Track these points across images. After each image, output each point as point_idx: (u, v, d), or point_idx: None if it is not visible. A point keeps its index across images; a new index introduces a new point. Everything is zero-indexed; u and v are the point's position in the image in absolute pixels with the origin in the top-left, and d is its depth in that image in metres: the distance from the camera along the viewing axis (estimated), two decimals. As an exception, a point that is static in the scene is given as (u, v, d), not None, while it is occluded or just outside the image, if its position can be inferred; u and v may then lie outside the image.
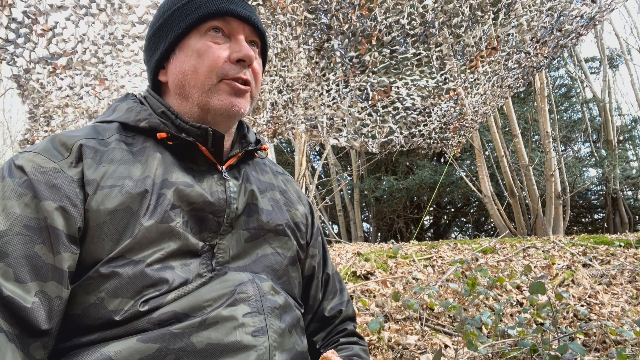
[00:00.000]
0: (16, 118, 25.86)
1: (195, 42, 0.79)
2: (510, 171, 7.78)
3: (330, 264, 0.98)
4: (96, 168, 0.70)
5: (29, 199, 0.63)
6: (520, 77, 3.20)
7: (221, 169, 0.81)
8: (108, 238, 0.66)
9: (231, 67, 0.79)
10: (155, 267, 0.67)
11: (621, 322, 2.62)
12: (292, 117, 2.94)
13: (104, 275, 0.64)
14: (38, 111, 2.48)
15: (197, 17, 0.79)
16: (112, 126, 0.78)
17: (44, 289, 0.61)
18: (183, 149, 0.79)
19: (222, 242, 0.76)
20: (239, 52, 0.79)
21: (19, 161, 0.67)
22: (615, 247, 4.41)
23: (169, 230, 0.69)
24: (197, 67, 0.78)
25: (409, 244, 5.06)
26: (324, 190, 10.81)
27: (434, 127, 3.18)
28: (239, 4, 0.82)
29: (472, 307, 2.81)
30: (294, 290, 0.85)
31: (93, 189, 0.68)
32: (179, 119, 0.78)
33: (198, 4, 0.80)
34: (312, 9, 2.30)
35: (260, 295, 0.72)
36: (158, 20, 0.84)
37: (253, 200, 0.83)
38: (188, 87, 0.79)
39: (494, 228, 9.95)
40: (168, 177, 0.74)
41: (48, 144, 0.70)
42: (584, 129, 11.47)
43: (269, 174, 0.93)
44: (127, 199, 0.68)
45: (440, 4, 2.42)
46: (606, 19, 2.91)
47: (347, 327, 0.93)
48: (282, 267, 0.82)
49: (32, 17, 1.94)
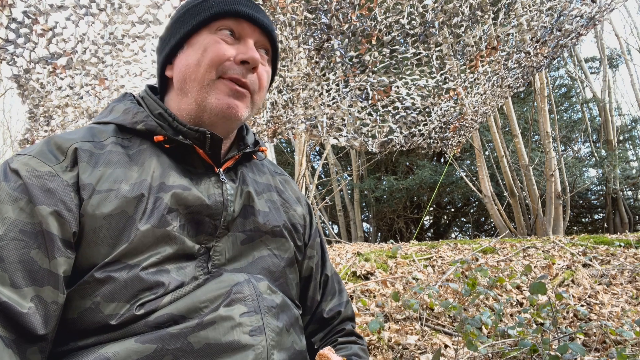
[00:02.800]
0: (16, 118, 25.86)
1: (204, 38, 0.79)
2: (510, 171, 7.78)
3: (329, 265, 0.97)
4: (91, 172, 0.69)
5: (24, 203, 0.63)
6: (520, 77, 3.20)
7: (218, 171, 0.80)
8: (104, 242, 0.66)
9: (233, 67, 0.78)
10: (150, 270, 0.67)
11: (621, 322, 2.62)
12: (292, 116, 2.95)
13: (100, 280, 0.64)
14: (38, 111, 2.48)
15: (209, 14, 0.79)
16: (108, 128, 0.77)
17: (40, 294, 0.60)
18: (180, 152, 0.78)
19: (218, 244, 0.75)
20: (244, 54, 0.78)
21: (14, 164, 0.66)
22: (615, 247, 4.41)
23: (166, 235, 0.69)
24: (200, 60, 0.77)
25: (409, 244, 5.06)
26: (324, 190, 10.81)
27: (434, 127, 3.18)
28: (253, 7, 0.82)
29: (472, 307, 2.81)
30: (292, 292, 0.84)
31: (88, 193, 0.67)
32: (176, 121, 0.77)
33: (212, 3, 0.80)
34: (312, 8, 2.30)
35: (257, 295, 0.72)
36: (172, 20, 0.84)
37: (249, 202, 0.82)
38: (189, 81, 0.78)
39: (494, 228, 9.95)
40: (165, 180, 0.73)
41: (43, 147, 0.70)
42: (584, 129, 11.47)
43: (267, 175, 0.92)
44: (123, 203, 0.67)
45: (440, 4, 2.42)
46: (606, 18, 2.92)
47: (346, 327, 0.92)
48: (279, 268, 0.81)
49: (32, 17, 1.94)
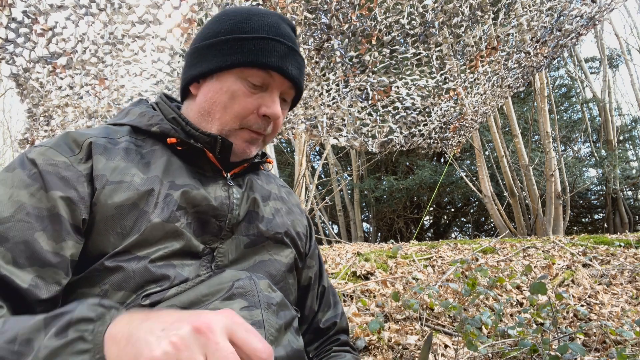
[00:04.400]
0: (16, 118, 25.88)
1: (233, 82, 0.79)
2: (510, 171, 7.78)
3: (325, 277, 1.01)
4: (105, 163, 0.72)
5: (35, 189, 0.65)
6: (520, 76, 3.20)
7: (226, 175, 0.83)
8: (114, 232, 0.68)
9: (256, 121, 0.81)
10: (158, 263, 0.69)
11: (621, 322, 2.62)
12: (292, 116, 2.94)
13: (109, 269, 0.66)
14: (38, 110, 2.48)
15: (246, 61, 0.78)
16: (123, 129, 0.81)
17: (41, 275, 0.62)
18: (191, 155, 0.81)
19: (222, 246, 0.77)
20: (267, 109, 0.80)
21: (31, 154, 0.69)
22: (615, 247, 4.41)
23: (174, 230, 0.71)
24: (227, 107, 0.80)
25: (409, 244, 5.06)
26: (324, 190, 10.81)
27: (434, 127, 3.18)
28: (291, 61, 0.82)
29: (472, 307, 2.81)
30: (291, 296, 0.87)
31: (102, 184, 0.70)
32: (189, 125, 0.81)
33: (252, 47, 0.78)
34: (312, 8, 2.30)
35: (258, 291, 0.73)
36: (212, 37, 0.82)
37: (255, 207, 0.85)
38: (212, 116, 0.81)
39: (494, 228, 9.95)
40: (175, 179, 0.76)
41: (60, 140, 0.73)
42: (584, 129, 11.47)
43: (273, 185, 0.96)
44: (135, 195, 0.70)
45: (440, 4, 2.42)
46: (606, 18, 2.91)
47: (341, 338, 0.96)
48: (280, 273, 0.83)
49: (32, 17, 1.93)
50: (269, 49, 0.79)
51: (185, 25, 2.18)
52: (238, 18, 0.82)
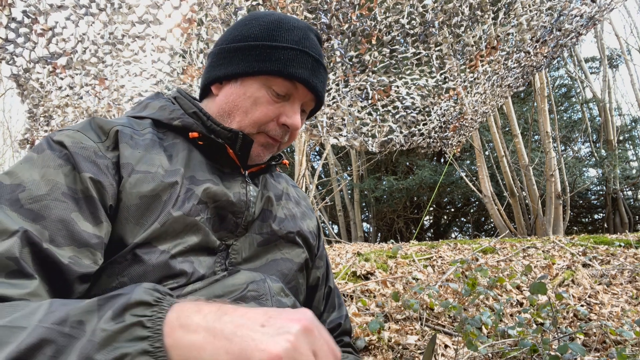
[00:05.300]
0: (16, 118, 25.87)
1: (257, 89, 0.80)
2: (510, 171, 7.78)
3: (332, 278, 1.02)
4: (132, 152, 0.71)
5: (68, 170, 0.65)
6: (520, 76, 3.20)
7: (244, 172, 0.84)
8: (135, 221, 0.67)
9: (274, 128, 0.82)
10: (178, 259, 0.68)
11: (621, 322, 2.61)
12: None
13: (130, 261, 0.65)
14: (38, 111, 2.48)
15: (274, 70, 0.78)
16: (145, 122, 0.80)
17: (78, 255, 0.61)
18: (211, 150, 0.81)
19: (237, 243, 0.78)
20: (288, 119, 0.81)
21: (57, 137, 0.68)
22: (615, 247, 4.41)
23: (194, 224, 0.71)
24: (248, 112, 0.80)
25: (409, 244, 5.06)
26: (324, 190, 10.81)
27: (434, 127, 3.18)
28: (317, 74, 0.82)
29: (472, 307, 2.81)
30: (300, 296, 0.88)
31: (128, 172, 0.69)
32: (210, 120, 0.80)
33: (280, 56, 0.79)
34: (312, 8, 2.30)
35: (271, 296, 0.74)
36: (239, 41, 0.82)
37: (269, 206, 0.86)
38: (232, 118, 0.82)
39: (494, 228, 9.95)
40: (195, 173, 0.76)
41: (87, 125, 0.72)
42: (584, 129, 11.47)
43: (287, 185, 0.97)
44: (159, 187, 0.70)
45: (440, 4, 2.42)
46: (606, 18, 2.91)
47: (344, 339, 0.96)
48: (292, 272, 0.84)
49: (32, 17, 1.93)
50: (297, 60, 0.79)
51: (185, 25, 2.18)
52: (268, 25, 0.81)
